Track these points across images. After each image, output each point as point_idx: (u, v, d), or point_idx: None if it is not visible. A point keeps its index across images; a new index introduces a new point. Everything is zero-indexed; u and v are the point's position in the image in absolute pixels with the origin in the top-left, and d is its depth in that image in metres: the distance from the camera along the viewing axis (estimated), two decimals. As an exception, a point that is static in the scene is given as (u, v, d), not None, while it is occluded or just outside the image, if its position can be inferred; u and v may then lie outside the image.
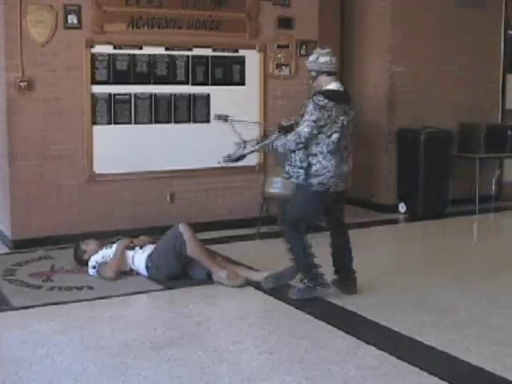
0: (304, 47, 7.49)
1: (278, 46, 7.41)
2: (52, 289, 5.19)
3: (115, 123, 6.69)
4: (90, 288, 5.20)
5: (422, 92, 8.35)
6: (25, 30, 6.21)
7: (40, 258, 6.06)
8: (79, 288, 5.19)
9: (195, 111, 7.06)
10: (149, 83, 6.82)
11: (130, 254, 5.52)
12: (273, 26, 7.35)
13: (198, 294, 5.11)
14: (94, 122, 6.59)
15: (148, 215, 6.86)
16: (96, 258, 5.51)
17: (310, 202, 4.88)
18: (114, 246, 5.53)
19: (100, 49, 6.55)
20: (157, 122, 6.88)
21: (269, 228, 6.78)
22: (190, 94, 7.01)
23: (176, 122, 6.97)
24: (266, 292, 5.16)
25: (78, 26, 6.43)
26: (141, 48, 6.73)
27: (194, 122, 7.06)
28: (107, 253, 5.52)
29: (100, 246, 5.65)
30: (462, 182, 8.61)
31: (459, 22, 8.52)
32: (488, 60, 8.91)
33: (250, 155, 5.29)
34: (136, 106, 6.77)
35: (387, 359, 3.94)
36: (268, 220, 6.82)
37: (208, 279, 5.33)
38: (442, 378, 3.67)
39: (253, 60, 7.28)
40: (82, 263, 5.67)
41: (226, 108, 7.04)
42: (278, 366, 3.85)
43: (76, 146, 6.55)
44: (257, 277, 5.29)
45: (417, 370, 3.78)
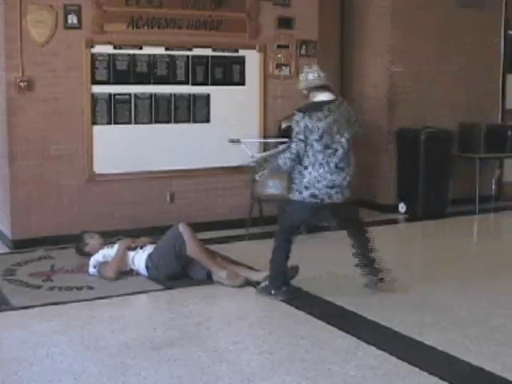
0: (304, 47, 7.49)
1: (278, 46, 7.41)
2: (52, 289, 5.19)
3: (115, 123, 6.69)
4: (90, 288, 5.20)
5: (421, 92, 8.34)
6: (25, 30, 6.21)
7: (40, 257, 6.06)
8: (79, 288, 5.19)
9: (195, 111, 7.05)
10: (149, 83, 6.81)
11: (131, 254, 5.52)
12: (273, 26, 7.35)
13: (198, 294, 5.10)
14: (94, 122, 6.59)
15: (148, 215, 6.86)
16: (97, 258, 5.51)
17: (303, 213, 4.97)
18: (116, 246, 5.53)
19: (100, 49, 6.55)
20: (157, 121, 6.88)
21: (264, 228, 6.78)
22: (189, 94, 7.01)
23: (176, 121, 6.97)
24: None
25: (78, 26, 6.43)
26: (141, 48, 6.73)
27: (194, 122, 7.06)
28: (108, 252, 5.51)
29: (102, 245, 5.65)
30: (461, 182, 8.60)
31: (459, 22, 8.52)
32: (488, 60, 8.91)
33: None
34: (136, 105, 6.77)
35: (387, 359, 3.93)
36: (267, 220, 6.81)
37: (208, 279, 5.33)
38: (442, 378, 3.66)
39: (253, 60, 7.28)
40: (80, 253, 5.72)
41: (226, 108, 7.11)
42: (278, 366, 3.84)
43: (76, 146, 6.55)
44: (257, 277, 5.28)
45: (417, 370, 3.78)
